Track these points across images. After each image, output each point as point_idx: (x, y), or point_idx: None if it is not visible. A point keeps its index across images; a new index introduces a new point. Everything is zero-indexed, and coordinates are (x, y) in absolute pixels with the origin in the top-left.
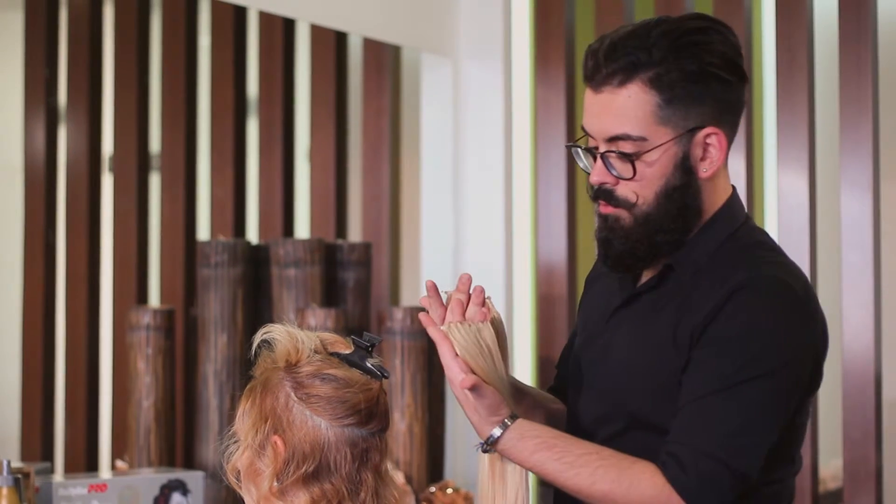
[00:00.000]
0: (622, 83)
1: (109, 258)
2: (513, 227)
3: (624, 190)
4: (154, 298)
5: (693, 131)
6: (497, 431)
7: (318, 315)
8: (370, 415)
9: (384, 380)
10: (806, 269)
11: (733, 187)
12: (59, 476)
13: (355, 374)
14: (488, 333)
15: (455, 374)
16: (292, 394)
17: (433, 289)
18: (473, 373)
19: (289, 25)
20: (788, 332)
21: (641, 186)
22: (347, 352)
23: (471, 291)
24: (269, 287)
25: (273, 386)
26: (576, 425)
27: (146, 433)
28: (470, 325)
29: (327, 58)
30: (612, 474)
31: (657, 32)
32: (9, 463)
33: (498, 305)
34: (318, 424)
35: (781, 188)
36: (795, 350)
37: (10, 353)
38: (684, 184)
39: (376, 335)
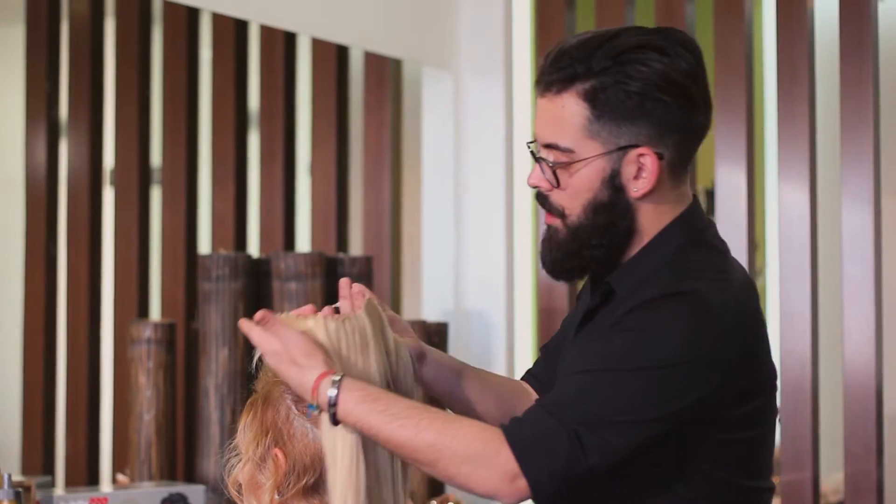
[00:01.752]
0: (559, 92)
1: (110, 271)
2: (514, 239)
3: (556, 197)
4: (155, 312)
5: (625, 149)
6: (332, 392)
7: None
8: None
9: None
10: (807, 282)
11: (693, 200)
12: (59, 489)
13: None
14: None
15: (257, 333)
16: (293, 407)
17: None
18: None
19: (290, 39)
20: (688, 339)
21: (568, 197)
22: None
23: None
24: (271, 300)
25: (274, 399)
26: None
27: (147, 447)
28: (345, 319)
29: (328, 71)
30: (437, 424)
31: (608, 45)
32: (10, 476)
33: (499, 318)
34: (319, 437)
35: (782, 201)
36: (691, 357)
37: (11, 366)
38: (612, 201)
39: None
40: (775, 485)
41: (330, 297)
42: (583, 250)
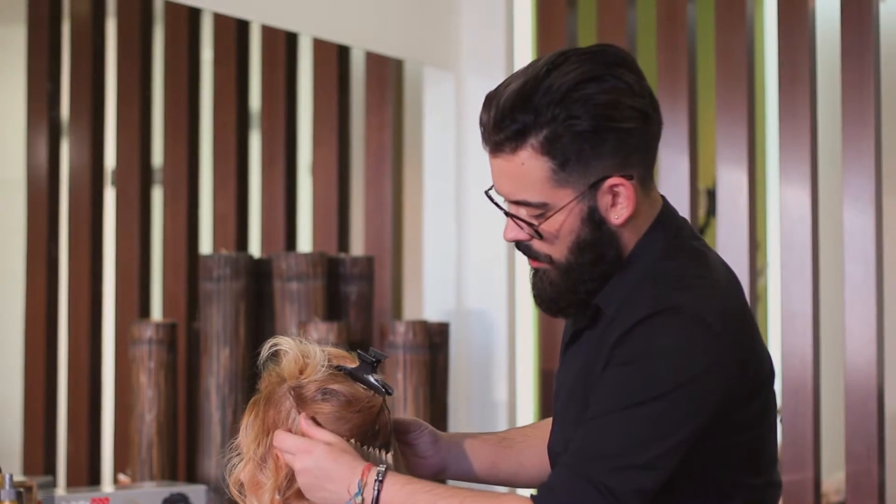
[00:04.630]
0: (513, 151)
1: (112, 272)
2: None
3: (539, 246)
4: (156, 312)
5: (596, 184)
6: (382, 468)
7: (320, 329)
8: (372, 431)
9: (388, 396)
10: (808, 282)
11: (663, 201)
12: (61, 490)
13: (359, 389)
14: None
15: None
16: (295, 408)
17: None
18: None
19: (291, 39)
20: (685, 356)
21: (551, 245)
22: (352, 366)
23: None
24: (272, 301)
25: (276, 399)
26: (550, 461)
27: (148, 447)
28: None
29: (330, 72)
30: (480, 500)
31: (544, 88)
32: (11, 476)
33: (500, 318)
34: None
35: (784, 202)
36: (693, 373)
37: (12, 367)
38: (596, 236)
39: (381, 351)
40: (781, 480)
41: (331, 297)
42: (577, 287)
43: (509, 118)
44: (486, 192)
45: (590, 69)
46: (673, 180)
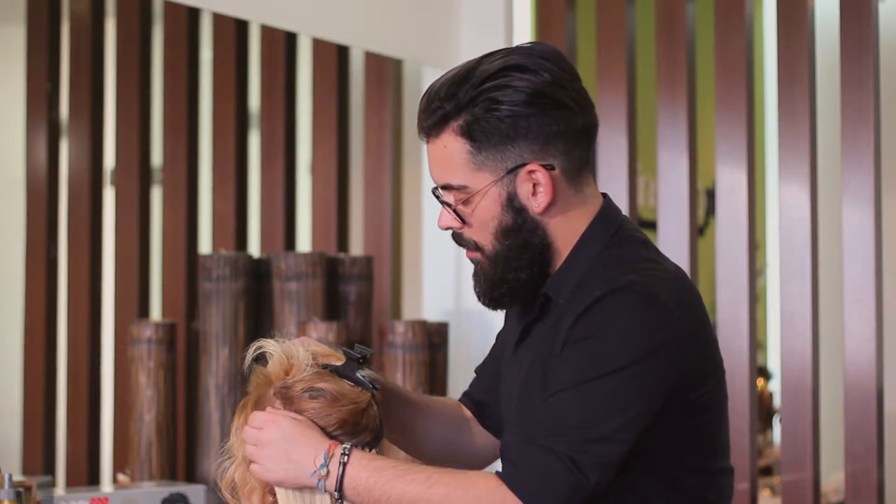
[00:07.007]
0: (437, 134)
1: (111, 271)
2: None
3: (468, 234)
4: (156, 312)
5: (514, 171)
6: (346, 446)
7: (319, 329)
8: (360, 427)
9: (375, 392)
10: (807, 283)
11: (605, 198)
12: (60, 489)
13: (345, 386)
14: None
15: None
16: (282, 409)
17: None
18: None
19: (290, 39)
20: (641, 331)
21: (477, 231)
22: (338, 364)
23: None
24: (271, 300)
25: (264, 401)
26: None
27: (147, 447)
28: None
29: (329, 71)
30: (447, 478)
31: (472, 77)
32: (10, 476)
33: (499, 318)
34: None
35: (783, 202)
36: (650, 348)
37: (11, 367)
38: (518, 223)
39: (369, 348)
40: (734, 468)
41: (331, 297)
42: (506, 275)
43: (436, 103)
44: (433, 190)
45: (514, 59)
46: (672, 180)
